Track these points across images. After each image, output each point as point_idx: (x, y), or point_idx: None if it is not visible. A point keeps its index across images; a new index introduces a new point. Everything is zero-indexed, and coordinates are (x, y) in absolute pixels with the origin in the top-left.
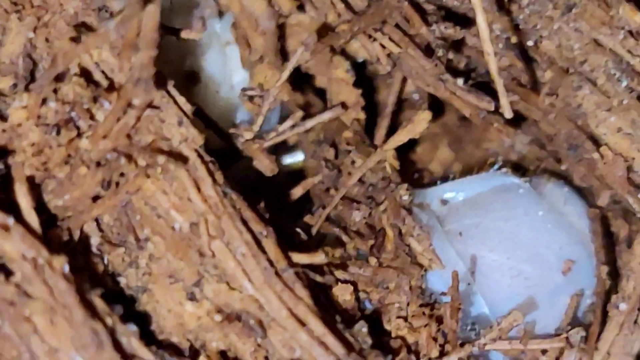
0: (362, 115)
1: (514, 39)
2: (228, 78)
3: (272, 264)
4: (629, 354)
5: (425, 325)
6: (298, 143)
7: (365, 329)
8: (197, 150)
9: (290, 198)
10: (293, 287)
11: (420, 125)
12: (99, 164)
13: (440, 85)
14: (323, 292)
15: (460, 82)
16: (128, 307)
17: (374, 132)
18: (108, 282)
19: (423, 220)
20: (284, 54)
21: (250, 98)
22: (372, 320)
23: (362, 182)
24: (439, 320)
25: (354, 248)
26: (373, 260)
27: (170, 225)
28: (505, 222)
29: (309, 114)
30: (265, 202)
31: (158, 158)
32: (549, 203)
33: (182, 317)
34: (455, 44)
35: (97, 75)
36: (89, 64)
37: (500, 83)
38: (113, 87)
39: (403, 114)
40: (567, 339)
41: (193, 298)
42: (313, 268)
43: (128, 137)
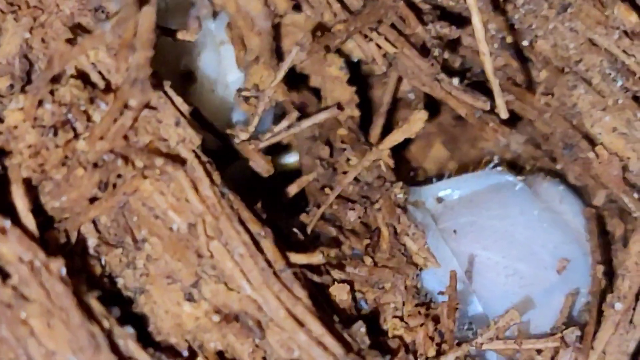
0: (356, 113)
1: (509, 39)
2: (223, 77)
3: (270, 265)
4: (625, 353)
5: (422, 325)
6: (293, 141)
7: (364, 329)
8: (194, 151)
9: (286, 196)
10: (291, 287)
11: (417, 125)
12: (96, 166)
13: (436, 85)
14: (320, 292)
15: (456, 81)
16: (125, 308)
17: (369, 130)
18: (105, 283)
19: (418, 219)
20: (279, 54)
21: (246, 99)
22: (368, 320)
23: (357, 180)
24: (436, 320)
25: (349, 247)
26: (368, 260)
27: (168, 226)
28: (501, 220)
29: (305, 113)
30: (261, 201)
31: (156, 160)
32: (545, 202)
33: (180, 317)
34: (451, 44)
35: (93, 76)
36: (86, 65)
37: (496, 83)
38: (110, 88)
39: (398, 113)
40: (562, 339)
41: (191, 299)
42: (310, 268)
43: (125, 138)
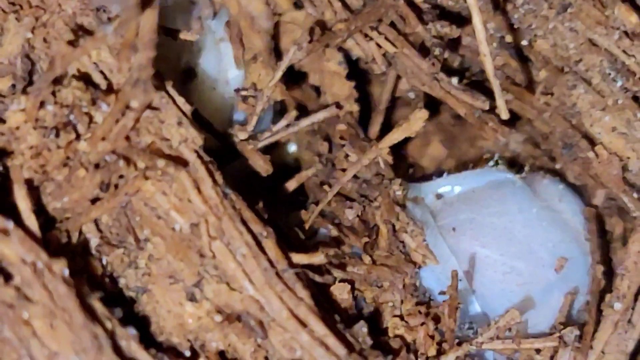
0: (355, 108)
1: (509, 38)
2: (223, 74)
3: (272, 265)
4: (624, 353)
5: (422, 324)
6: (291, 135)
7: (365, 329)
8: (196, 151)
9: (285, 192)
10: (294, 287)
11: (417, 124)
12: (98, 166)
13: (435, 84)
14: (322, 292)
15: (455, 81)
16: (127, 308)
17: (368, 128)
18: (107, 283)
19: (417, 215)
20: (278, 53)
21: (244, 98)
22: (369, 320)
23: (355, 178)
24: (436, 319)
25: (348, 245)
26: (367, 258)
27: (170, 226)
28: (499, 218)
29: (305, 109)
30: (260, 197)
31: (157, 161)
32: (544, 200)
33: (182, 317)
34: (451, 43)
35: (95, 77)
36: (88, 65)
37: (497, 84)
38: (111, 89)
39: (397, 112)
40: (561, 338)
41: (193, 299)
42: (312, 268)
43: (127, 139)
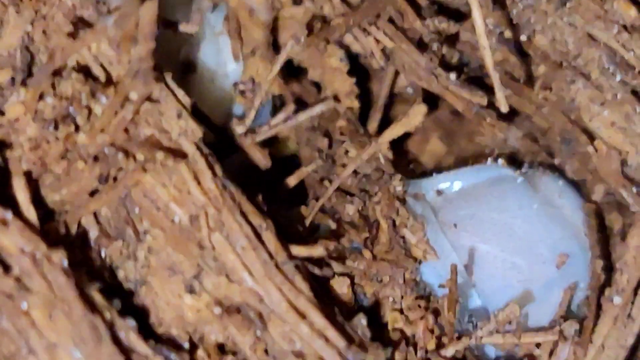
0: (356, 104)
1: (508, 33)
2: (222, 67)
3: (271, 257)
4: (623, 347)
5: (422, 318)
6: (291, 131)
7: (365, 322)
8: (196, 143)
9: (284, 188)
10: (293, 279)
11: (416, 119)
12: (97, 159)
13: (433, 80)
14: (321, 285)
15: (453, 76)
16: (126, 300)
17: (367, 124)
18: (106, 275)
19: (418, 211)
20: (277, 47)
21: (242, 92)
22: (368, 313)
23: (355, 173)
24: (436, 313)
25: (348, 240)
26: (367, 253)
27: (170, 218)
28: (500, 214)
29: (304, 103)
30: (260, 193)
31: (156, 154)
32: (544, 196)
33: (181, 309)
34: (449, 39)
35: (95, 69)
36: (87, 57)
37: (496, 77)
38: (111, 81)
39: (396, 108)
40: (561, 332)
41: (192, 291)
42: (311, 261)
43: (126, 131)
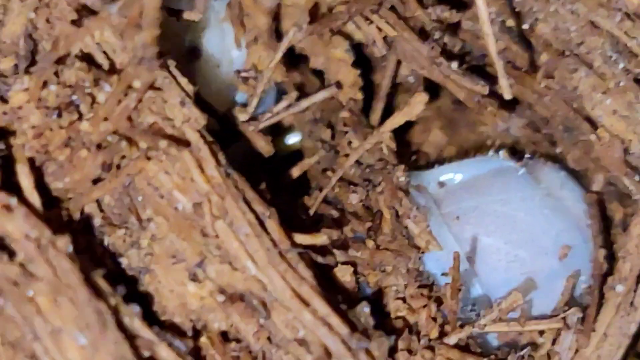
0: (359, 96)
1: (510, 22)
2: (227, 53)
3: (275, 245)
4: (626, 335)
5: (425, 306)
6: (294, 123)
7: (368, 309)
8: (199, 131)
9: (287, 178)
10: (296, 267)
11: (417, 108)
12: (100, 147)
13: (435, 69)
14: (324, 273)
15: (455, 65)
16: (130, 287)
17: (369, 115)
18: (109, 263)
19: (421, 203)
20: (279, 35)
21: (245, 79)
22: (371, 302)
23: (359, 163)
24: (439, 302)
25: (351, 230)
26: (370, 243)
27: (173, 206)
28: (502, 206)
29: (306, 94)
30: (263, 179)
31: (159, 142)
32: (545, 187)
33: (184, 297)
34: (451, 27)
35: (98, 57)
36: (90, 45)
37: (500, 64)
38: (114, 69)
39: (398, 97)
40: (564, 320)
41: (195, 278)
42: (314, 249)
43: (129, 119)
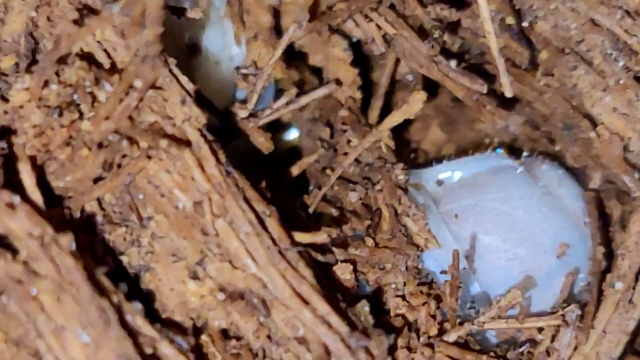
0: (358, 95)
1: (510, 20)
2: (227, 50)
3: (275, 243)
4: (625, 332)
5: (424, 304)
6: (293, 121)
7: (367, 308)
8: (200, 130)
9: (287, 177)
10: (296, 266)
11: (415, 106)
12: (101, 146)
13: (434, 67)
14: (324, 271)
15: (454, 63)
16: (131, 285)
17: (368, 113)
18: (110, 261)
19: (419, 201)
20: (279, 32)
21: (244, 76)
22: (371, 300)
23: (357, 161)
24: (438, 299)
25: (351, 228)
26: (369, 241)
27: (174, 204)
28: (501, 204)
29: (304, 91)
30: (263, 177)
31: (160, 141)
32: (544, 185)
33: (184, 295)
34: (450, 25)
35: (99, 55)
36: (91, 44)
37: (501, 62)
38: (115, 68)
39: (396, 95)
40: (563, 317)
41: (196, 277)
42: (314, 247)
43: (130, 119)
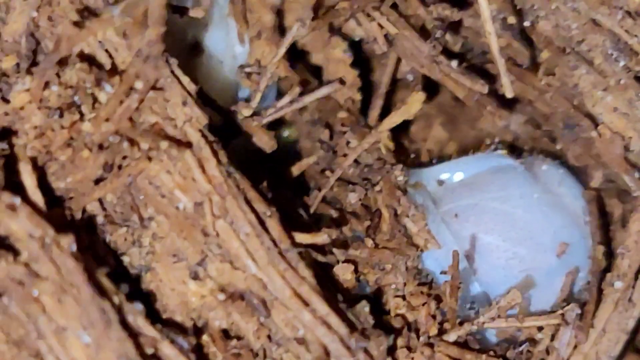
0: (357, 96)
1: (511, 19)
2: (230, 48)
3: (275, 244)
4: (624, 331)
5: (424, 304)
6: (292, 122)
7: (367, 309)
8: (201, 130)
9: (287, 178)
10: (296, 267)
11: (414, 107)
12: (102, 147)
13: (435, 67)
14: (325, 271)
15: (455, 64)
16: (132, 285)
17: (368, 112)
18: (111, 261)
19: (418, 202)
20: (282, 31)
21: (248, 75)
22: (371, 300)
23: (357, 163)
24: (438, 299)
25: (350, 229)
26: (369, 242)
27: (174, 205)
28: (501, 203)
29: (307, 90)
30: (264, 177)
31: (160, 143)
32: (544, 184)
33: (185, 295)
34: (452, 25)
35: (100, 55)
36: (93, 44)
37: (502, 63)
38: (116, 69)
39: (397, 94)
40: (562, 316)
41: (196, 277)
42: (315, 248)
43: (130, 120)
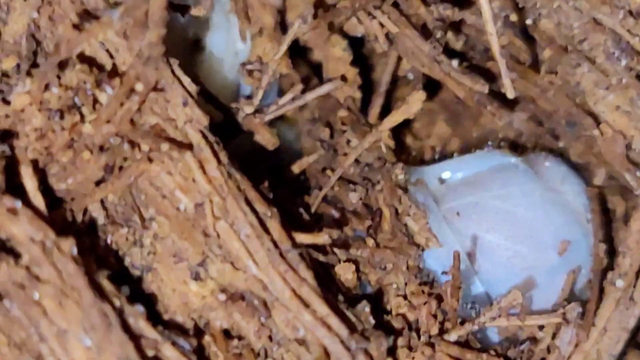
0: (357, 95)
1: (513, 17)
2: (232, 45)
3: (276, 245)
4: (625, 329)
5: (425, 303)
6: (293, 121)
7: (368, 309)
8: (202, 131)
9: (287, 177)
10: (297, 268)
11: (415, 106)
12: (102, 149)
13: (435, 66)
14: (325, 271)
15: (455, 63)
16: (134, 286)
17: (368, 110)
18: (113, 262)
19: (419, 200)
20: (284, 28)
21: (250, 72)
22: (373, 300)
23: (357, 162)
24: (439, 299)
25: (351, 229)
26: (370, 241)
27: (175, 206)
28: (503, 202)
29: (309, 87)
30: (263, 177)
31: (161, 145)
32: (546, 182)
33: (186, 296)
34: (454, 23)
35: (101, 56)
36: (93, 45)
37: (503, 63)
38: (116, 71)
39: (398, 92)
40: (563, 315)
41: (197, 278)
42: (316, 248)
43: (131, 122)
